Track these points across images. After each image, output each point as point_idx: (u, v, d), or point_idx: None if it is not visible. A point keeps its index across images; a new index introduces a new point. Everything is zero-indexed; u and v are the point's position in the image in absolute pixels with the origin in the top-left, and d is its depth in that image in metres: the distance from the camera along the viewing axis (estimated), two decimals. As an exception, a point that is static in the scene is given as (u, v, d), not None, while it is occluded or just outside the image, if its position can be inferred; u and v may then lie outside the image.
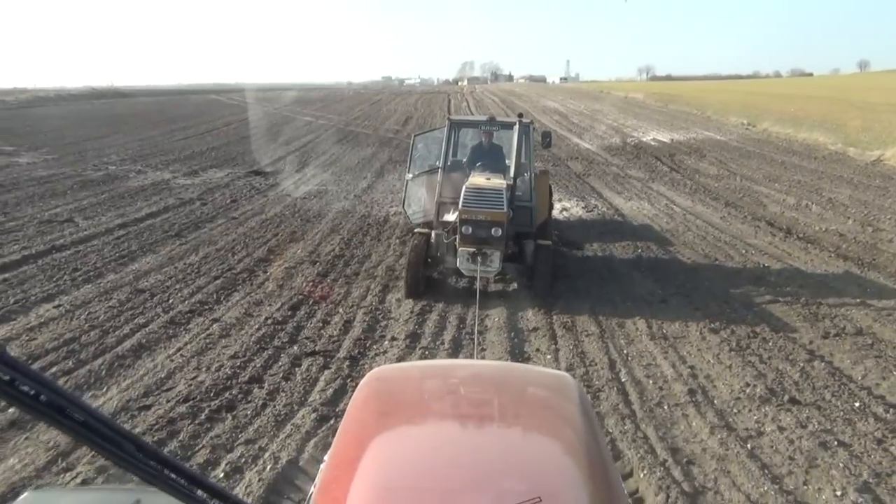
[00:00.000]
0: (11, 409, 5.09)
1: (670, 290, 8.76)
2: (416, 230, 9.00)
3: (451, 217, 8.63)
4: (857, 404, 5.55)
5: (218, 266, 9.80)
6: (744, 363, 6.40)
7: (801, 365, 6.36)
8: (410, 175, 9.81)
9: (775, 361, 6.47)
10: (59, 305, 7.98)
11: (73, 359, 6.34)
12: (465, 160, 9.91)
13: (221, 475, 4.45)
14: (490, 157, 9.71)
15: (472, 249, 8.24)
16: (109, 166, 20.14)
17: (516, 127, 8.72)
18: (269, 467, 4.55)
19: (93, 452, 4.55)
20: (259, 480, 4.37)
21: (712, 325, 7.42)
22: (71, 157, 21.62)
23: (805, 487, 4.41)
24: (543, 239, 8.99)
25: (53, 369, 6.08)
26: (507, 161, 9.25)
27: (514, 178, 8.63)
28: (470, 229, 8.23)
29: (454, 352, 6.74)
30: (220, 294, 8.51)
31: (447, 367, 3.74)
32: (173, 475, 1.26)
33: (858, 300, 8.35)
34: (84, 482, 4.28)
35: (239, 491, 4.24)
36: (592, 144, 25.80)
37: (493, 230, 8.19)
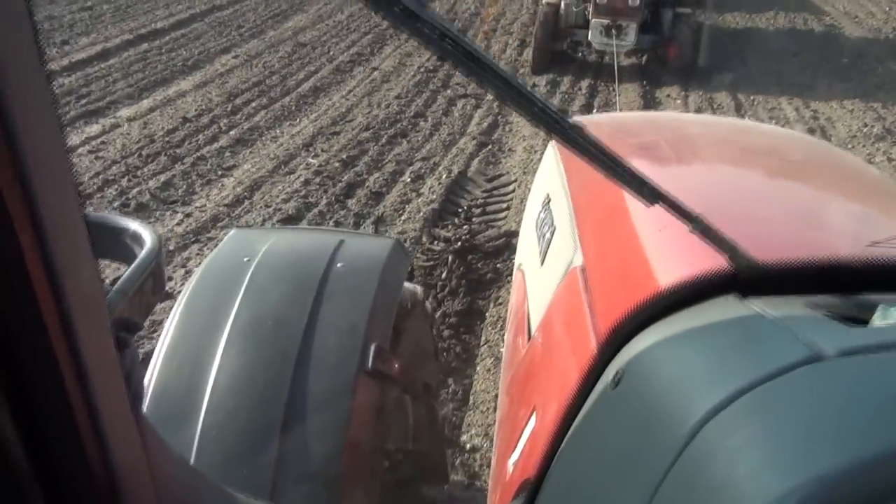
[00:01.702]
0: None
1: (804, 46, 8.94)
2: (544, 1, 8.48)
3: None
4: (969, 143, 6.05)
5: (365, 24, 10.57)
6: (866, 108, 6.85)
7: (926, 111, 6.77)
8: None
9: (899, 107, 6.88)
10: (236, 56, 9.12)
11: (265, 97, 7.52)
12: None
13: (408, 180, 5.63)
14: None
15: (606, 21, 7.72)
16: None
17: None
18: (444, 175, 5.67)
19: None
20: (438, 184, 5.52)
21: (840, 76, 7.75)
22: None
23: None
24: (682, 6, 8.38)
25: (252, 105, 7.30)
26: None
27: None
28: None
29: (592, 95, 7.50)
30: (374, 47, 9.40)
31: (670, 117, 3.63)
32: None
33: None
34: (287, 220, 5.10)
35: (424, 192, 5.41)
36: None
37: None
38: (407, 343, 1.99)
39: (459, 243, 4.44)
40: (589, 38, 7.97)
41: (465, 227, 4.77)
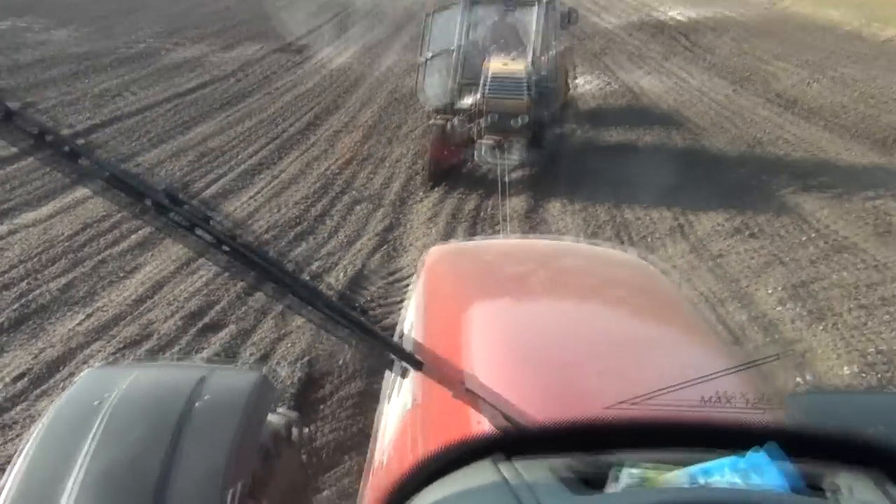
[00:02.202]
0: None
1: (673, 154, 9.95)
2: (433, 120, 8.90)
3: (468, 102, 8.48)
4: (804, 237, 6.91)
5: (270, 132, 11.03)
6: (724, 206, 7.70)
7: (770, 209, 7.68)
8: (425, 57, 9.35)
9: (752, 206, 7.77)
10: (138, 165, 9.33)
11: (170, 201, 7.75)
12: (481, 38, 9.33)
13: (309, 277, 5.92)
14: (508, 34, 9.30)
15: (493, 139, 8.11)
16: (143, 42, 20.94)
17: (538, 5, 8.81)
18: (343, 273, 6.03)
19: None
20: (337, 280, 5.86)
21: (704, 178, 8.69)
22: (103, 32, 22.34)
23: (748, 287, 5.86)
24: (563, 124, 9.11)
25: (156, 208, 7.50)
26: (527, 40, 9.04)
27: (536, 60, 8.59)
28: (491, 119, 8.08)
29: (483, 200, 8.05)
30: (278, 154, 9.83)
31: (515, 244, 3.91)
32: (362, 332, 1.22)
33: (837, 162, 9.55)
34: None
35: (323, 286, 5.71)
36: (613, 22, 26.11)
37: (515, 119, 8.06)
38: (276, 478, 1.97)
39: (357, 332, 4.75)
40: (477, 156, 8.35)
41: (363, 317, 5.08)
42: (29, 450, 1.62)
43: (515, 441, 1.17)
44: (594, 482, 1.05)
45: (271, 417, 2.10)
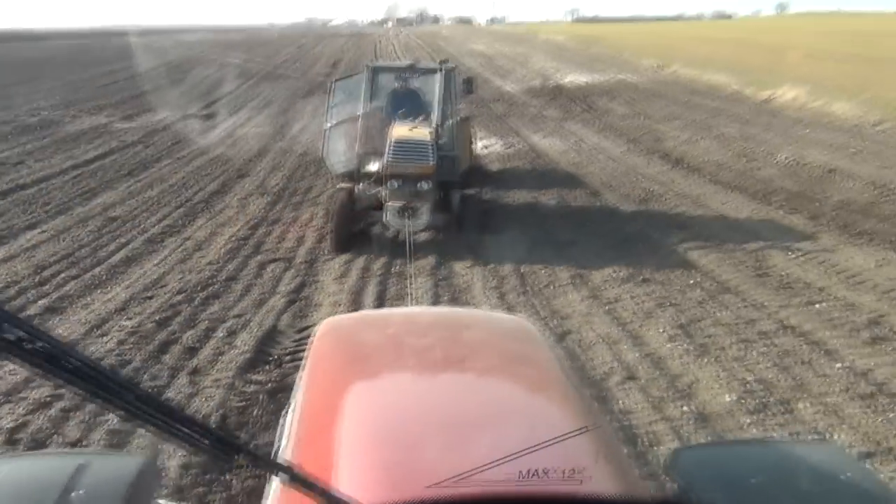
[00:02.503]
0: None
1: (570, 212, 10.51)
2: (339, 185, 9.10)
3: (374, 168, 8.64)
4: (691, 281, 7.46)
5: (176, 198, 11.05)
6: (615, 257, 8.21)
7: (660, 257, 8.24)
8: (330, 124, 9.55)
9: (642, 255, 8.31)
10: (43, 231, 9.17)
11: (75, 268, 7.67)
12: (384, 106, 9.66)
13: (220, 335, 6.00)
14: (411, 102, 9.62)
15: (400, 203, 8.28)
16: (42, 112, 20.55)
17: (439, 73, 9.24)
18: (255, 331, 6.11)
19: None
20: (250, 338, 5.94)
21: (597, 233, 9.23)
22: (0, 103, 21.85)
23: (640, 328, 6.28)
24: (467, 187, 9.36)
25: (61, 276, 7.41)
26: (429, 107, 9.39)
27: (439, 126, 8.87)
28: (397, 184, 8.29)
29: (389, 266, 8.16)
30: (186, 219, 9.85)
31: (405, 315, 3.83)
32: (178, 424, 1.13)
33: (720, 213, 10.32)
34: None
35: (237, 345, 5.80)
36: (514, 87, 27.38)
37: (420, 184, 8.28)
38: None
39: (270, 385, 4.88)
40: (384, 219, 8.45)
41: (275, 371, 5.21)
42: None
43: None
44: None
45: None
